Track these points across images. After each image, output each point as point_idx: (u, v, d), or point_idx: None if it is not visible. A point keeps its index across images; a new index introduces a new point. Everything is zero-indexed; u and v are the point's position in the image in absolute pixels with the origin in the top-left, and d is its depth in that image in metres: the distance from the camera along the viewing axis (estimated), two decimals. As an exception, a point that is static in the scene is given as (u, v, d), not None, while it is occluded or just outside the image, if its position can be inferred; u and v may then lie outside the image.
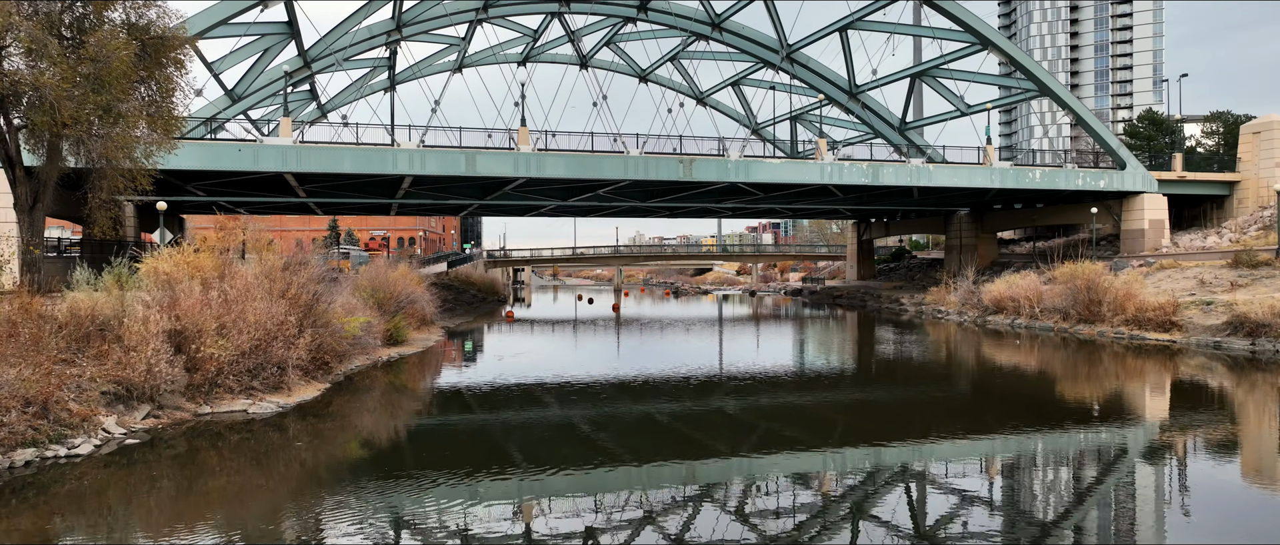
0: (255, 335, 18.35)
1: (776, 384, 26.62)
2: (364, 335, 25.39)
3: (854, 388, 26.74)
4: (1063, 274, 36.87)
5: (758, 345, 39.28)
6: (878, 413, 21.82)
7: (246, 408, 18.12)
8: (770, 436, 18.71)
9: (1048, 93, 50.62)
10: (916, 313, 52.14)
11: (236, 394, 18.20)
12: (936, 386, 26.10)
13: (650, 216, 73.62)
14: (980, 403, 23.52)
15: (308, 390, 19.92)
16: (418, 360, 30.01)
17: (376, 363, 27.18)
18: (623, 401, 23.74)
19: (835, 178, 46.62)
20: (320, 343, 20.91)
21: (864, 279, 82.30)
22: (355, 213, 70.66)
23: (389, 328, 29.57)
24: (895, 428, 19.43)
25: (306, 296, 20.44)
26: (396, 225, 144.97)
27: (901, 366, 31.22)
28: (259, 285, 19.80)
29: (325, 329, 21.07)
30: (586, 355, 34.67)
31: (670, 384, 26.59)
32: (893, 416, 21.15)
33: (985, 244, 66.62)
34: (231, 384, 18.06)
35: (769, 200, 57.91)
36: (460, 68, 70.31)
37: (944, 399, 24.26)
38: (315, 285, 21.29)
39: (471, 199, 54.01)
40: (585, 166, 42.70)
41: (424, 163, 40.35)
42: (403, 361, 28.79)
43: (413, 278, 37.09)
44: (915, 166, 47.96)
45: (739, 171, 45.06)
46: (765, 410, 21.86)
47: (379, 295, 29.66)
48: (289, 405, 18.77)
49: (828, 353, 36.89)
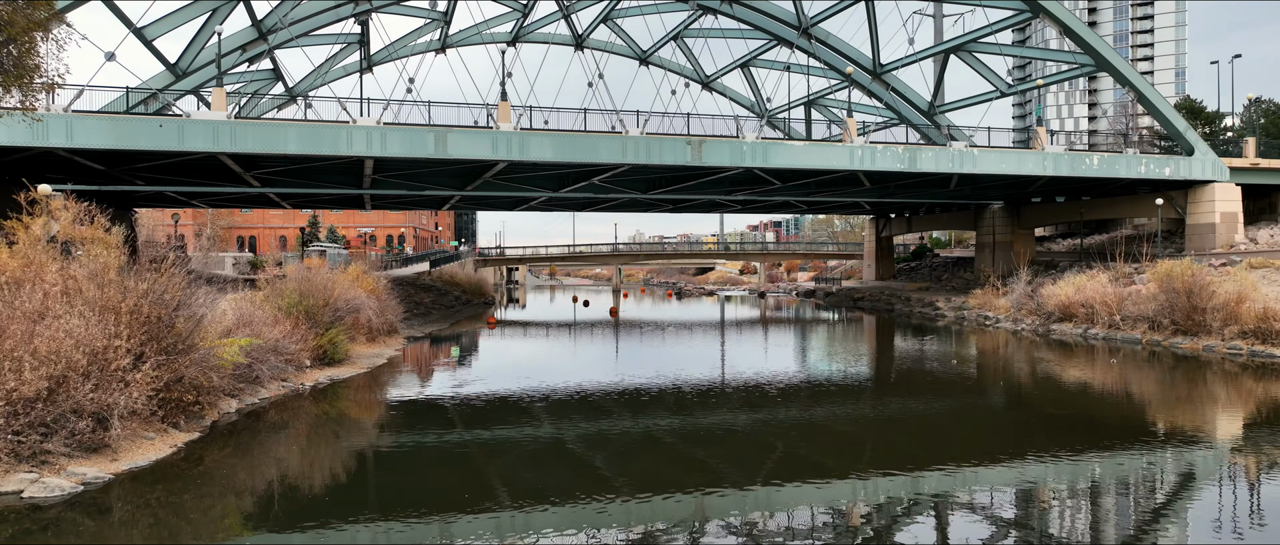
0: (53, 370, 12.05)
1: (797, 402, 20.32)
2: (265, 359, 19.10)
3: (901, 409, 20.48)
4: (1157, 274, 30.53)
5: (776, 354, 33.00)
6: (952, 447, 15.58)
7: (21, 488, 11.69)
8: (796, 463, 12.60)
9: (1107, 67, 44.34)
10: (956, 318, 45.80)
11: (18, 463, 11.85)
12: (1020, 414, 19.84)
13: (651, 211, 67.33)
14: (1092, 445, 17.25)
15: (150, 449, 13.53)
16: (364, 381, 23.77)
17: (298, 391, 20.90)
18: (621, 415, 17.52)
19: (866, 163, 40.32)
20: (181, 376, 14.62)
21: (882, 279, 76.00)
22: (326, 205, 64.32)
23: (322, 344, 23.31)
24: (974, 476, 13.21)
25: (157, 310, 14.10)
26: (385, 221, 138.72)
27: (962, 388, 24.94)
28: (84, 293, 13.54)
29: (186, 357, 14.78)
30: (576, 370, 28.37)
31: (673, 397, 20.29)
32: (971, 454, 14.92)
33: (1022, 241, 60.27)
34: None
35: (786, 191, 51.61)
36: (443, 48, 63.96)
37: (1038, 436, 18.00)
38: (176, 293, 14.95)
39: (450, 189, 47.68)
40: (577, 148, 36.42)
41: (385, 142, 34.05)
42: (339, 386, 22.53)
43: (364, 280, 30.85)
44: (957, 151, 41.67)
45: (756, 155, 38.76)
46: (783, 430, 15.60)
47: (308, 303, 23.39)
48: (107, 477, 12.47)
49: (856, 363, 30.60)
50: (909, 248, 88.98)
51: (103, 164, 36.97)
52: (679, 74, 69.23)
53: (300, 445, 16.63)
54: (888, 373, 29.45)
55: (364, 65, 60.77)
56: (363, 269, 32.94)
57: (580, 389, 24.45)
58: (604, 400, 22.65)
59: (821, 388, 25.39)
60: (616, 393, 23.81)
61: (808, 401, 22.72)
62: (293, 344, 21.51)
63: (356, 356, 26.11)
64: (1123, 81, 44.93)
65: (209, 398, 16.16)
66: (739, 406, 21.93)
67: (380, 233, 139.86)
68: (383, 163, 39.45)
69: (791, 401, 22.63)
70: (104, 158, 34.94)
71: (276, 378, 20.04)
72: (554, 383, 25.43)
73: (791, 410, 21.47)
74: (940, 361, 31.38)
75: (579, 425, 19.33)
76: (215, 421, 16.74)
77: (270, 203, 58.15)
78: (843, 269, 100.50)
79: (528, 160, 36.06)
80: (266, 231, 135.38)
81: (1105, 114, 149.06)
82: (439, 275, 68.54)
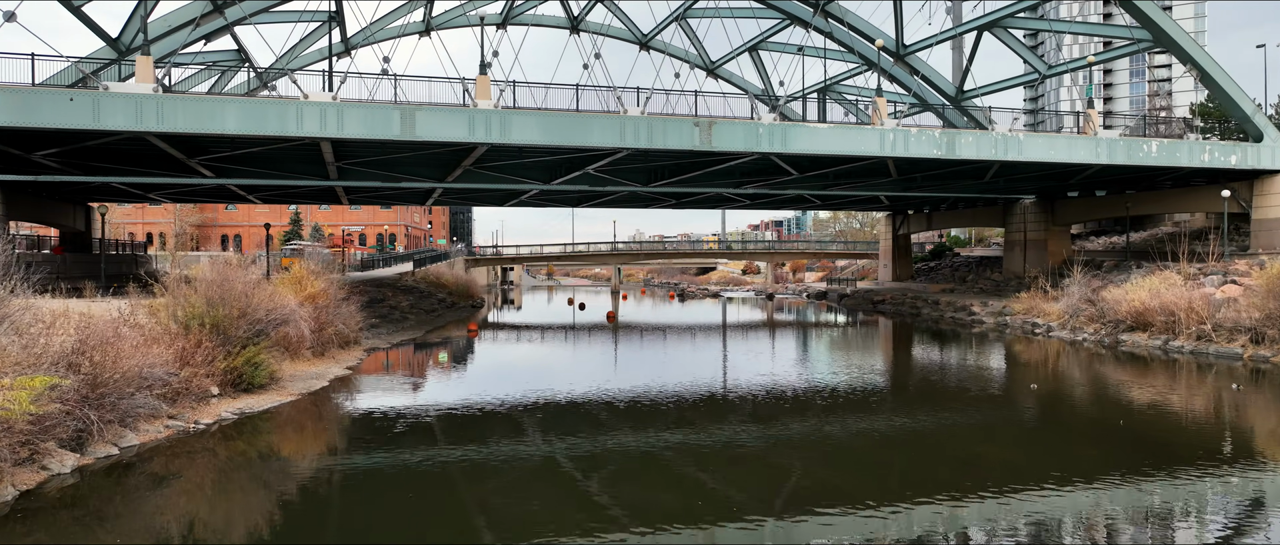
0: None
1: (829, 426, 15.32)
2: (126, 394, 14.03)
3: (971, 441, 15.51)
4: (1270, 277, 25.52)
5: (797, 367, 27.98)
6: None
7: None
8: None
9: (1167, 43, 39.34)
10: (996, 325, 40.75)
11: None
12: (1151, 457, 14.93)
13: (652, 206, 62.33)
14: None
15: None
16: (291, 411, 18.74)
17: (191, 431, 15.91)
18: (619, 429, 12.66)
19: (898, 149, 35.30)
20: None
21: (900, 280, 71.01)
22: (298, 200, 59.38)
23: (236, 366, 18.31)
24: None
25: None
26: (375, 220, 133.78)
27: (1055, 424, 19.97)
28: None
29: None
30: (566, 382, 23.34)
31: (675, 411, 15.34)
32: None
33: (1056, 239, 55.36)
34: None
35: (802, 183, 46.61)
36: (427, 30, 58.99)
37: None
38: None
39: (429, 180, 42.69)
40: (568, 130, 31.40)
41: (341, 122, 29.02)
42: (256, 420, 17.54)
43: (310, 282, 25.86)
44: (1002, 136, 36.66)
45: (774, 139, 33.74)
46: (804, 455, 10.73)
47: (216, 314, 18.36)
48: None
49: (892, 378, 25.57)
50: (924, 247, 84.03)
51: (18, 147, 31.98)
52: (682, 60, 64.23)
53: (150, 514, 11.72)
54: (938, 398, 24.42)
55: (335, 49, 55.77)
56: (311, 268, 27.89)
57: (571, 398, 19.48)
58: (599, 411, 17.66)
59: (860, 405, 20.43)
60: (616, 402, 18.81)
61: (837, 424, 17.79)
62: (190, 368, 16.54)
63: (289, 379, 21.07)
64: (1185, 58, 39.92)
65: (32, 455, 11.19)
66: (757, 433, 16.98)
67: (370, 231, 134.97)
68: (343, 147, 34.48)
69: (824, 427, 17.69)
70: (10, 138, 29.93)
71: (155, 418, 15.07)
72: (526, 396, 20.46)
73: (829, 440, 16.53)
74: (1003, 380, 26.42)
75: (572, 438, 14.39)
76: (28, 490, 11.84)
77: (234, 196, 53.21)
78: (853, 269, 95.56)
79: (511, 143, 31.03)
80: (252, 229, 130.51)
81: (1132, 101, 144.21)
82: (424, 276, 63.52)
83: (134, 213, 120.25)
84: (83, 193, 50.02)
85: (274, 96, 29.58)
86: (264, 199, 57.04)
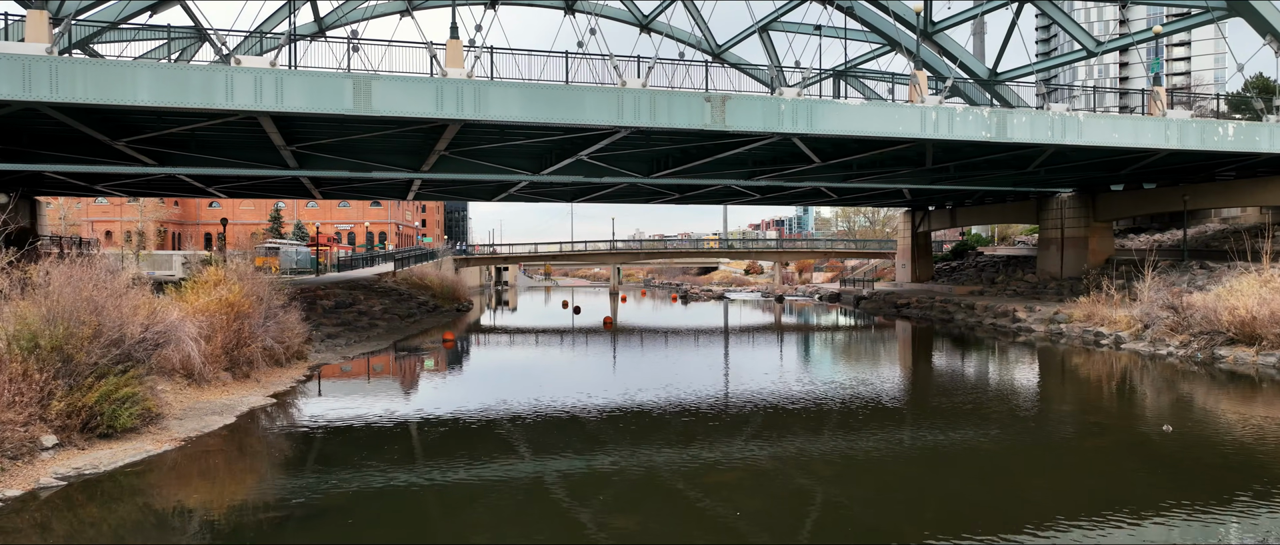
0: None
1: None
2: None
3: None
4: None
5: (827, 387, 23.02)
6: None
7: None
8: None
9: (1244, 12, 34.43)
10: (1048, 333, 35.71)
11: None
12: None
13: (654, 201, 57.38)
14: None
15: None
16: (162, 464, 13.68)
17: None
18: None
19: (942, 130, 30.33)
20: None
21: (920, 281, 66.07)
22: (258, 193, 54.35)
23: (87, 403, 13.35)
24: None
25: None
26: (364, 217, 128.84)
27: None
28: None
29: None
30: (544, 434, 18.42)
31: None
32: None
33: (1098, 236, 50.41)
34: None
35: (823, 173, 41.73)
36: (409, 10, 53.96)
37: None
38: None
39: (402, 169, 37.77)
40: (556, 104, 26.40)
41: (281, 92, 24.03)
42: (103, 482, 12.46)
43: (228, 287, 20.92)
44: (1059, 116, 31.69)
45: (797, 117, 28.75)
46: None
47: (57, 334, 13.33)
48: None
49: (969, 423, 20.63)
50: (941, 246, 79.09)
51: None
52: (685, 42, 59.29)
53: None
54: (1025, 433, 19.44)
55: (308, 30, 50.82)
56: (230, 268, 22.85)
57: (552, 415, 14.52)
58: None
59: (923, 440, 15.50)
60: (613, 418, 13.84)
61: (895, 455, 12.87)
62: (11, 411, 11.60)
63: (180, 415, 16.04)
64: (1264, 28, 34.98)
65: None
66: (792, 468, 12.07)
67: (360, 230, 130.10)
68: (292, 127, 29.53)
69: (882, 461, 12.77)
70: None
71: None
72: (493, 420, 15.52)
73: (890, 478, 11.59)
74: (1103, 409, 21.43)
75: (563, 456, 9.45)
76: None
77: (191, 188, 48.22)
78: (866, 269, 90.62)
79: (488, 120, 26.04)
80: (237, 227, 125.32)
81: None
82: (406, 277, 58.51)
83: (112, 209, 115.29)
84: (21, 184, 45.11)
85: (201, 62, 24.65)
86: (229, 192, 52.09)
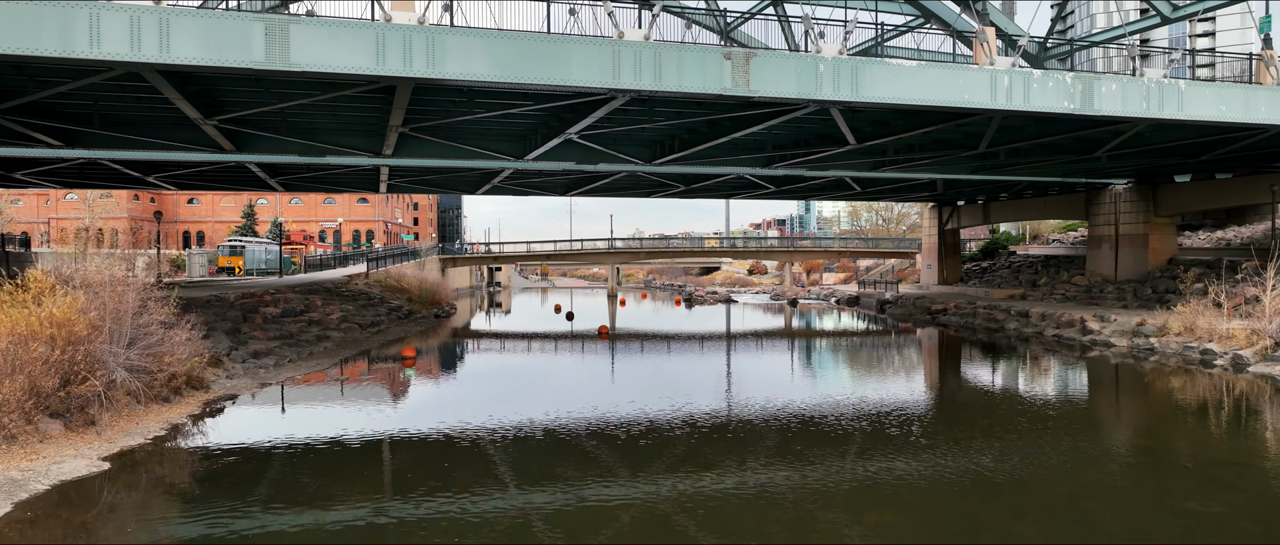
0: None
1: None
2: None
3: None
4: None
5: (890, 423, 17.20)
6: None
7: None
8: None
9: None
10: (1132, 348, 29.75)
11: None
12: None
13: (656, 193, 51.44)
14: None
15: None
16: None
17: None
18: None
19: (1016, 98, 24.42)
20: None
21: (948, 283, 60.20)
22: (198, 185, 48.31)
23: None
24: None
25: None
26: (351, 215, 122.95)
27: None
28: None
29: None
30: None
31: None
32: None
33: (1159, 233, 44.53)
34: None
35: (855, 158, 35.88)
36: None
37: None
38: None
39: (360, 152, 31.84)
40: (531, 60, 20.44)
41: (166, 38, 18.06)
42: None
43: (50, 300, 15.06)
44: (1156, 84, 25.81)
45: (839, 81, 22.83)
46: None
47: None
48: None
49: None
50: (966, 245, 73.19)
51: None
52: (691, 20, 53.30)
53: None
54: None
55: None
56: (80, 271, 16.94)
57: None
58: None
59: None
60: None
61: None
62: None
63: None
64: (1394, -19, 29.12)
65: None
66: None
67: (346, 229, 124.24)
68: (206, 92, 23.64)
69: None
70: None
71: None
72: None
73: None
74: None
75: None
76: None
77: (115, 175, 42.26)
78: (881, 270, 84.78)
79: (446, 79, 20.09)
80: (217, 225, 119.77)
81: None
82: (381, 278, 52.63)
83: (80, 206, 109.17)
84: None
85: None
86: (177, 183, 46.07)
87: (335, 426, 18.62)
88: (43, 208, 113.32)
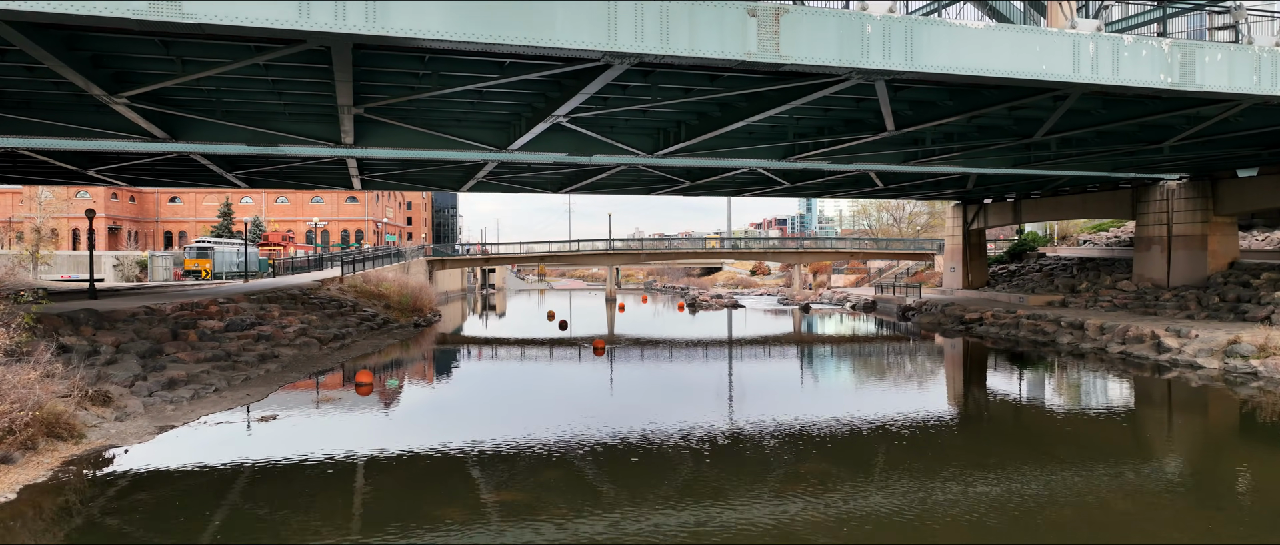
0: None
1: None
2: None
3: None
4: None
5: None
6: None
7: None
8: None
9: None
10: (1224, 370, 25.26)
11: None
12: None
13: (659, 190, 46.99)
14: None
15: None
16: None
17: None
18: None
19: (1102, 70, 19.96)
20: None
21: (974, 287, 55.76)
22: (149, 181, 43.89)
23: None
24: None
25: None
26: (339, 215, 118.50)
27: None
28: None
29: None
30: None
31: None
32: None
33: (1219, 234, 40.11)
34: None
35: (887, 148, 31.44)
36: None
37: None
38: None
39: (317, 139, 27.33)
40: (498, 16, 15.95)
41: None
42: None
43: None
44: (1272, 52, 21.36)
45: (890, 44, 18.38)
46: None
47: None
48: None
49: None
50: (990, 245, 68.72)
51: None
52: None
53: None
54: None
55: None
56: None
57: None
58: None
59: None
60: None
61: None
62: None
63: None
64: None
65: None
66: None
67: (334, 228, 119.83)
68: (91, 50, 19.16)
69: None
70: None
71: None
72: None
73: None
74: None
75: None
76: None
77: (60, 173, 37.79)
78: (894, 272, 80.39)
79: (391, 36, 15.60)
80: (198, 224, 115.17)
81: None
82: (356, 283, 48.13)
83: (57, 205, 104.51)
84: None
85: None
86: (128, 178, 41.63)
87: (239, 493, 14.08)
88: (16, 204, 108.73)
